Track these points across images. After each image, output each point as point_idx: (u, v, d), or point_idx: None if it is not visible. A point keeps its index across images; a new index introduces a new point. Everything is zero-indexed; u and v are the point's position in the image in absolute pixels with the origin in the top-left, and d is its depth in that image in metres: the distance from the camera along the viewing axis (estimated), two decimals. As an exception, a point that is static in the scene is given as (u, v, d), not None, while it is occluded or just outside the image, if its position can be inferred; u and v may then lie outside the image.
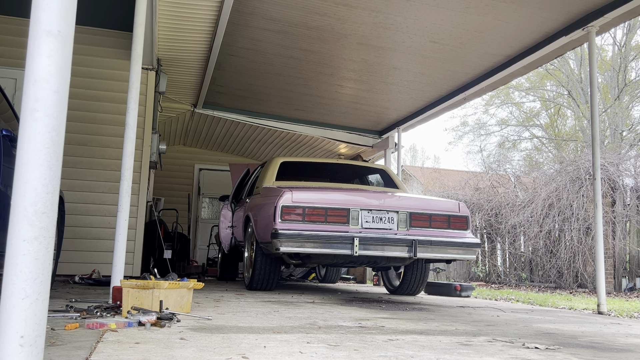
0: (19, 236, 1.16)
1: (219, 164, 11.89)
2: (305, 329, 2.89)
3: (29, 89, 1.21)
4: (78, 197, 6.33)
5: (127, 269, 5.85)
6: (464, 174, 16.99)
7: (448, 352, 2.34)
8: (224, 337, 2.47)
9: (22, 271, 1.15)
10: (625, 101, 19.42)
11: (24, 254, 1.15)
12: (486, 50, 6.10)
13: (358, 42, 6.22)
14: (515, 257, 11.17)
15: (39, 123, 1.19)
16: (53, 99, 1.21)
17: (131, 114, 3.97)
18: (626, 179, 9.62)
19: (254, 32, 6.10)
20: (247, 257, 6.00)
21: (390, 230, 5.04)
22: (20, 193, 1.17)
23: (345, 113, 8.90)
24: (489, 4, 5.11)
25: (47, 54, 1.21)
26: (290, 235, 4.76)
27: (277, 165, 6.12)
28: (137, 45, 4.07)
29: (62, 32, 1.23)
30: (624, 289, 9.31)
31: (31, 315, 1.14)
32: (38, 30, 1.22)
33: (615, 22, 5.27)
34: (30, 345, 1.14)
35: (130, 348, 2.06)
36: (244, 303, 4.29)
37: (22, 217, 1.16)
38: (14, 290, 1.14)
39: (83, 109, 6.47)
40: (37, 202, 1.17)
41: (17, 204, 1.17)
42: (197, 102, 8.49)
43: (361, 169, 7.36)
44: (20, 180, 1.18)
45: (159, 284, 3.11)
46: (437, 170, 22.95)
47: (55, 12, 1.22)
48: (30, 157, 1.18)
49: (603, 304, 5.09)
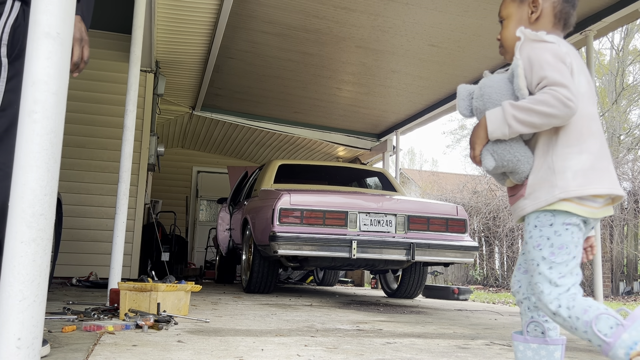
0: (16, 238, 1.15)
1: (217, 166, 11.88)
2: (303, 332, 2.88)
3: (27, 90, 1.21)
4: (76, 199, 6.32)
5: (125, 272, 5.82)
6: (462, 177, 17.01)
7: (446, 356, 2.34)
8: (222, 340, 2.46)
9: (20, 273, 1.14)
10: (623, 105, 19.47)
11: (22, 256, 1.15)
12: (484, 53, 6.11)
13: (356, 45, 6.23)
14: (513, 261, 11.17)
15: (38, 125, 1.19)
16: (51, 101, 1.21)
17: (129, 116, 3.96)
18: (624, 182, 9.64)
19: (253, 34, 6.11)
20: (245, 259, 6.00)
21: (388, 233, 5.04)
22: (18, 195, 1.17)
23: (344, 116, 8.91)
24: (487, 8, 5.12)
25: (46, 55, 1.21)
26: (288, 238, 4.75)
27: (275, 167, 6.12)
28: (136, 47, 4.07)
29: (60, 34, 1.23)
30: (621, 292, 9.32)
31: (28, 318, 1.14)
32: (37, 32, 1.22)
33: (613, 26, 5.28)
34: (27, 348, 1.14)
35: (128, 350, 2.06)
36: (241, 306, 4.28)
37: (19, 219, 1.16)
38: (12, 292, 1.14)
39: (81, 111, 6.46)
40: (34, 204, 1.17)
41: (15, 206, 1.17)
42: (196, 104, 8.49)
43: (359, 172, 7.37)
44: (18, 182, 1.18)
45: (156, 287, 3.10)
46: (435, 174, 22.97)
47: (54, 14, 1.22)
48: (28, 159, 1.18)
49: (601, 307, 5.09)
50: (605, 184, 1.35)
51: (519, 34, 1.43)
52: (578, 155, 1.35)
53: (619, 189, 1.37)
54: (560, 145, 1.36)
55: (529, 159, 1.39)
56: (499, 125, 1.36)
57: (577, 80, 1.38)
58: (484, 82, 1.47)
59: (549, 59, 1.35)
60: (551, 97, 1.30)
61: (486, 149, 1.41)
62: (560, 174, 1.34)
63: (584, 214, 1.34)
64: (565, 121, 1.33)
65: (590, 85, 1.45)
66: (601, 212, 1.36)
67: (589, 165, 1.34)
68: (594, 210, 1.35)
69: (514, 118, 1.33)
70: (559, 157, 1.35)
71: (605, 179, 1.35)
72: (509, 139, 1.38)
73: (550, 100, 1.30)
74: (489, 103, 1.42)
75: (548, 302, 1.33)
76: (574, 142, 1.35)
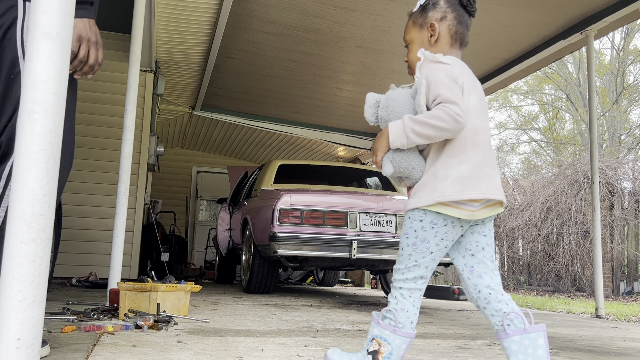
0: (16, 238, 1.15)
1: (216, 166, 11.87)
2: (303, 332, 2.88)
3: (27, 90, 1.20)
4: (75, 199, 6.31)
5: (125, 272, 5.82)
6: (462, 177, 17.00)
7: (446, 356, 2.33)
8: (222, 340, 2.46)
9: (19, 273, 1.14)
10: (624, 105, 19.46)
11: (21, 256, 1.14)
12: (485, 53, 6.11)
13: (357, 45, 6.22)
14: (513, 261, 11.17)
15: (37, 125, 1.19)
16: (51, 101, 1.21)
17: (129, 116, 3.96)
18: (624, 182, 9.64)
19: (253, 34, 6.10)
20: (244, 260, 5.99)
21: (388, 233, 5.03)
22: (17, 195, 1.17)
23: (344, 116, 8.90)
24: (487, 8, 5.11)
25: (46, 55, 1.21)
26: (288, 238, 4.75)
27: (275, 167, 6.12)
28: (136, 47, 4.07)
29: (60, 34, 1.23)
30: (622, 292, 9.32)
31: (28, 318, 1.14)
32: (37, 32, 1.22)
33: (614, 26, 5.28)
34: (27, 348, 1.13)
35: (127, 351, 2.05)
36: (241, 306, 4.28)
37: (19, 219, 1.16)
38: (11, 292, 1.13)
39: (81, 110, 6.44)
40: (34, 204, 1.17)
41: (15, 206, 1.17)
42: (195, 104, 8.49)
43: (359, 172, 7.36)
44: (17, 182, 1.18)
45: (156, 287, 3.10)
46: (435, 174, 22.90)
47: (53, 14, 1.22)
48: (28, 159, 1.18)
49: (601, 307, 5.09)
50: (482, 189, 1.54)
51: (419, 55, 1.61)
52: (459, 165, 1.54)
53: (495, 194, 1.56)
54: (444, 155, 1.55)
55: (422, 167, 1.59)
56: (399, 136, 1.54)
57: (468, 98, 1.57)
58: (389, 94, 1.64)
59: (444, 79, 1.53)
60: (444, 112, 1.48)
61: (386, 157, 1.59)
62: (442, 180, 1.53)
63: (460, 216, 1.53)
64: (455, 134, 1.52)
65: (482, 101, 1.63)
66: (481, 214, 1.55)
67: (467, 174, 1.53)
68: (472, 212, 1.54)
69: (412, 130, 1.52)
70: (443, 165, 1.55)
71: (482, 185, 1.54)
72: (407, 148, 1.57)
73: (443, 115, 1.48)
74: (392, 115, 1.60)
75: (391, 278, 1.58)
76: (457, 153, 1.54)
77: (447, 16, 1.69)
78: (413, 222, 1.58)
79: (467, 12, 1.72)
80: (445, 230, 1.55)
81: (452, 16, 1.69)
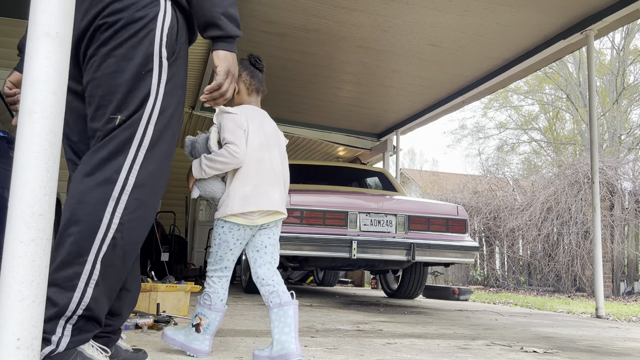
0: (15, 238, 1.15)
1: (217, 166, 11.85)
2: (303, 333, 2.88)
3: (26, 90, 1.20)
4: (76, 199, 6.30)
5: (125, 272, 5.81)
6: (463, 177, 17.01)
7: (446, 356, 2.33)
8: (221, 341, 2.46)
9: (19, 273, 1.14)
10: (624, 105, 19.46)
11: (21, 256, 1.14)
12: (485, 53, 6.11)
13: (357, 45, 6.22)
14: (513, 261, 11.17)
15: (37, 125, 1.19)
16: (51, 101, 1.21)
17: (129, 116, 3.95)
18: (624, 182, 9.64)
19: (253, 34, 6.10)
20: (244, 260, 5.99)
21: (388, 234, 5.03)
22: (17, 195, 1.17)
23: (344, 116, 8.90)
24: (488, 7, 5.11)
25: (45, 55, 1.21)
26: (288, 238, 4.75)
27: (275, 167, 6.11)
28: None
29: (60, 33, 1.23)
30: (622, 292, 9.32)
31: (28, 318, 1.14)
32: (36, 32, 1.21)
33: (614, 25, 5.28)
34: (27, 348, 1.13)
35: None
36: (241, 306, 4.28)
37: (19, 219, 1.16)
38: (11, 292, 1.13)
39: (81, 110, 6.45)
40: (34, 204, 1.17)
41: (15, 206, 1.16)
42: (196, 104, 8.49)
43: (359, 172, 7.36)
44: (17, 182, 1.18)
45: (156, 287, 3.10)
46: (436, 174, 22.95)
47: (53, 14, 1.22)
48: (28, 159, 1.17)
49: (601, 307, 5.09)
50: (258, 204, 2.04)
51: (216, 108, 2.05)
52: (243, 187, 2.05)
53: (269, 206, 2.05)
54: (235, 180, 2.06)
55: (221, 190, 2.10)
56: (198, 170, 2.08)
57: (252, 137, 2.09)
58: (196, 138, 2.17)
59: (229, 126, 2.06)
60: (225, 151, 2.02)
61: (195, 184, 2.13)
62: (232, 198, 2.04)
63: (245, 223, 2.04)
64: (237, 165, 2.04)
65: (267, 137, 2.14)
66: (260, 220, 2.05)
67: (249, 193, 2.04)
68: (252, 220, 2.04)
69: (206, 165, 2.05)
70: (233, 187, 2.06)
71: (259, 201, 2.04)
72: (208, 178, 2.09)
73: (225, 153, 2.02)
74: (197, 153, 2.15)
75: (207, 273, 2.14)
76: (243, 177, 2.05)
77: (241, 74, 2.23)
78: (217, 228, 2.09)
79: (257, 69, 2.26)
80: (239, 234, 2.06)
81: (245, 74, 2.23)
